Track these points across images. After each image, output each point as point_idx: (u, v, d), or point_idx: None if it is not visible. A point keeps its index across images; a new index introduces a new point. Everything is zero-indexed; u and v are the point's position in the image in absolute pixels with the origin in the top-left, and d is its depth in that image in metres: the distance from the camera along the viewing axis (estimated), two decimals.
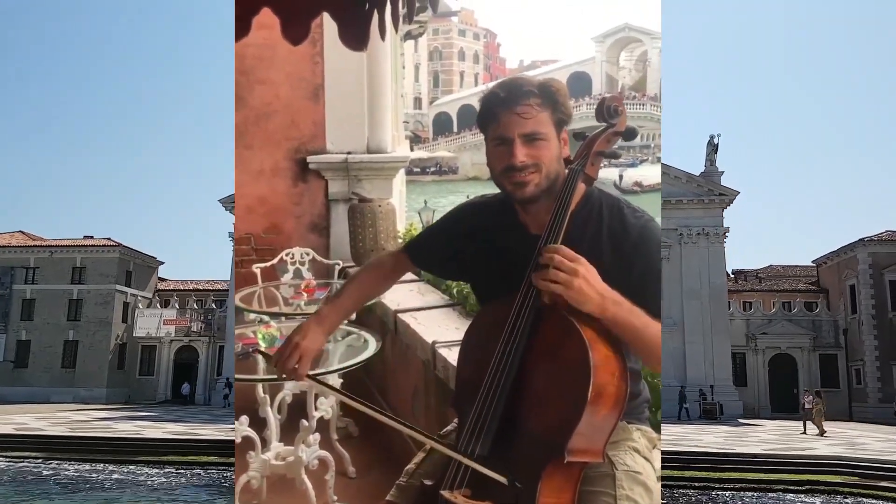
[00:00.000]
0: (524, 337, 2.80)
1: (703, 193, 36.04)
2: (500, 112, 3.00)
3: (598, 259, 2.87)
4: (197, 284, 46.95)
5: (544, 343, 2.79)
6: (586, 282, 2.68)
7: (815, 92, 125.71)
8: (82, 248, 41.97)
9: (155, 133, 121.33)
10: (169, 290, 45.72)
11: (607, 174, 75.29)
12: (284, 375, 3.31)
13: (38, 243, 42.97)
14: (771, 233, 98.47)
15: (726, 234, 36.05)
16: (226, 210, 38.37)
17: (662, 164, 37.65)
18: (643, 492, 2.95)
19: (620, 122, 3.13)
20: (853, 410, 36.04)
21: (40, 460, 16.87)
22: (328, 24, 2.55)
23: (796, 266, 47.71)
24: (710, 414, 31.60)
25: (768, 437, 22.60)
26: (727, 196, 36.03)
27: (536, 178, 3.00)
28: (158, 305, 42.80)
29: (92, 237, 43.53)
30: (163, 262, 46.42)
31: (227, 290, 43.55)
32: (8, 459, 16.98)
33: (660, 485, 3.16)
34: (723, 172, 36.47)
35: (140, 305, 42.42)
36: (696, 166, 37.67)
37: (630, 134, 3.15)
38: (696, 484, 14.68)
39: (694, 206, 35.97)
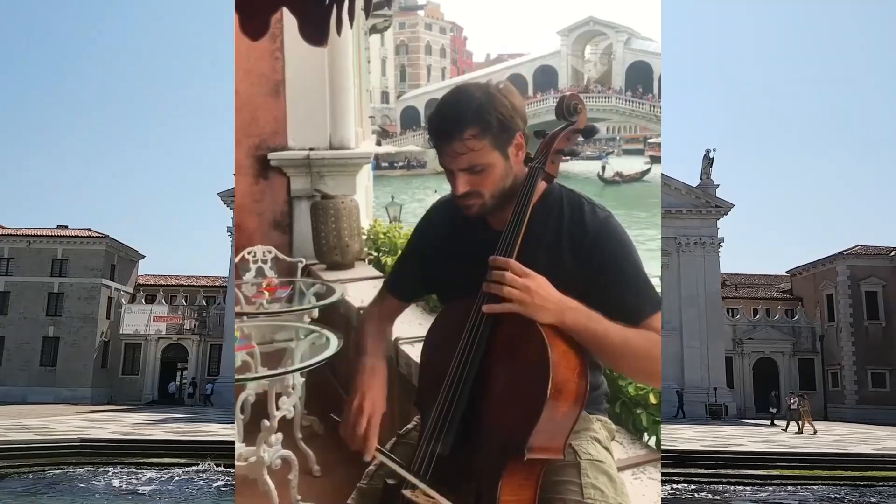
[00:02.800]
0: (485, 336, 2.78)
1: (701, 205, 37.36)
2: (441, 143, 2.95)
3: (558, 255, 2.94)
4: (179, 280, 45.48)
5: (504, 341, 2.76)
6: (539, 295, 2.65)
7: (804, 101, 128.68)
8: (64, 239, 39.62)
9: (128, 121, 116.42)
10: (150, 286, 44.15)
11: (591, 167, 76.90)
12: (356, 449, 3.04)
13: (12, 232, 40.31)
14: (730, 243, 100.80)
15: (721, 244, 37.48)
16: (224, 205, 37.38)
17: (664, 175, 38.70)
18: (606, 480, 2.95)
19: (580, 120, 3.09)
20: (829, 411, 38.18)
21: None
22: (288, 20, 2.52)
23: (739, 274, 49.69)
24: (716, 415, 33.10)
25: (823, 438, 23.56)
26: (722, 208, 37.52)
27: (479, 202, 2.99)
28: (143, 301, 41.27)
29: (67, 227, 41.41)
30: (144, 256, 44.74)
31: (219, 287, 42.58)
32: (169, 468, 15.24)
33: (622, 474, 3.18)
34: (718, 185, 38.06)
35: (123, 301, 40.79)
36: (689, 175, 38.80)
37: (590, 132, 3.12)
38: (847, 482, 15.79)
39: (692, 216, 37.29)
